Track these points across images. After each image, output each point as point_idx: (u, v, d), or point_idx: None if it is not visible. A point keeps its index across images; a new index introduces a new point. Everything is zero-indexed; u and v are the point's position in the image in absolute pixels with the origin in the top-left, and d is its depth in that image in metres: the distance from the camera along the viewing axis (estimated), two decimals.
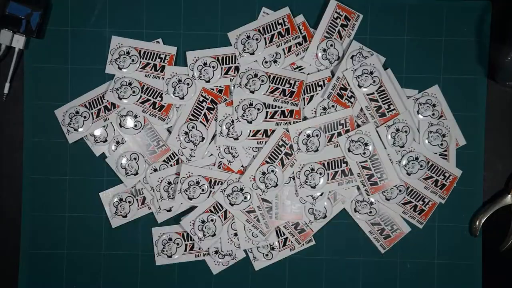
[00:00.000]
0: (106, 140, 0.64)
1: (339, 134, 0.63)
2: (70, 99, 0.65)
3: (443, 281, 0.66)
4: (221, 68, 0.64)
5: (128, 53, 0.64)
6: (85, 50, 0.65)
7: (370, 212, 0.64)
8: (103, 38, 0.65)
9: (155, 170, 0.64)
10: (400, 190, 0.64)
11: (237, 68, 0.64)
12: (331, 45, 0.64)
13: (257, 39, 0.64)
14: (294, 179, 0.63)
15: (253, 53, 0.63)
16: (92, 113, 0.64)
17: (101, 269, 0.66)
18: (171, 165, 0.64)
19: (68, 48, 0.65)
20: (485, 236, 0.66)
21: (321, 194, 0.63)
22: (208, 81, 0.64)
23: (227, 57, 0.64)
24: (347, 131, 0.63)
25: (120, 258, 0.66)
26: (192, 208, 0.64)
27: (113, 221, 0.65)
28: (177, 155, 0.64)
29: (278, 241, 0.65)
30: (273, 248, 0.65)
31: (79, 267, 0.66)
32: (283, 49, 0.64)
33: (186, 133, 0.63)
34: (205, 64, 0.64)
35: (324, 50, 0.64)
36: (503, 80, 0.63)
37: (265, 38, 0.64)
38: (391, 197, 0.64)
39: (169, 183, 0.64)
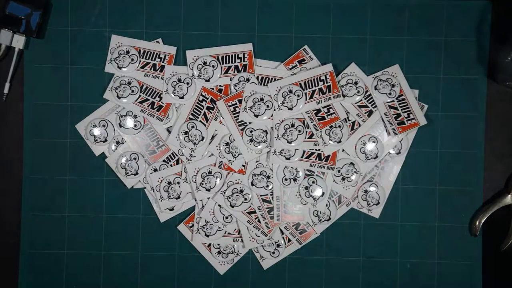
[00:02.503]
0: (106, 140, 0.64)
1: (320, 90, 0.63)
2: (70, 99, 0.65)
3: (443, 281, 0.66)
4: (221, 67, 0.64)
5: (127, 52, 0.64)
6: (85, 50, 0.65)
7: (390, 93, 0.64)
8: (103, 38, 0.65)
9: (155, 170, 0.64)
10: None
11: (236, 68, 0.64)
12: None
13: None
14: (295, 180, 0.63)
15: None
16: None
17: (101, 269, 0.66)
18: (171, 165, 0.64)
19: (68, 48, 0.65)
20: (485, 236, 0.66)
21: (322, 195, 0.63)
22: (208, 80, 0.64)
23: (227, 56, 0.64)
24: (329, 87, 0.63)
25: (120, 258, 0.66)
26: (193, 208, 0.65)
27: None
28: (177, 155, 0.64)
29: (283, 237, 0.65)
30: (278, 245, 0.65)
31: (79, 267, 0.66)
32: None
33: (185, 133, 0.63)
34: (204, 63, 0.64)
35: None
36: (503, 80, 0.63)
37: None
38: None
39: (169, 183, 0.64)
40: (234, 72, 0.64)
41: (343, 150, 0.64)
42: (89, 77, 0.65)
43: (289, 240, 0.65)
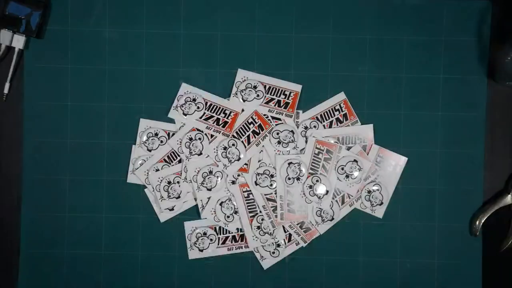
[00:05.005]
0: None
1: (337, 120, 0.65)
2: (70, 99, 0.65)
3: (443, 281, 0.66)
4: (265, 96, 0.65)
5: (255, 87, 0.65)
6: (84, 50, 0.65)
7: (258, 95, 0.64)
8: (102, 38, 0.65)
9: (157, 170, 0.64)
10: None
11: (278, 102, 0.65)
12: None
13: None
14: (298, 179, 0.63)
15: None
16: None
17: (101, 269, 0.66)
18: (171, 165, 0.65)
19: (67, 48, 0.65)
20: (485, 236, 0.66)
21: (326, 193, 0.64)
22: (245, 102, 0.65)
23: (274, 88, 0.65)
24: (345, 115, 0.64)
25: (120, 258, 0.65)
26: (194, 208, 0.65)
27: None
28: (177, 155, 0.64)
29: (284, 237, 0.65)
30: (279, 245, 0.65)
31: (79, 267, 0.65)
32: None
33: (224, 149, 0.64)
34: (250, 86, 0.64)
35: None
36: (503, 80, 0.64)
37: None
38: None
39: (169, 182, 0.64)
40: (275, 105, 0.65)
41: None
42: (88, 77, 0.65)
43: (292, 239, 0.65)
